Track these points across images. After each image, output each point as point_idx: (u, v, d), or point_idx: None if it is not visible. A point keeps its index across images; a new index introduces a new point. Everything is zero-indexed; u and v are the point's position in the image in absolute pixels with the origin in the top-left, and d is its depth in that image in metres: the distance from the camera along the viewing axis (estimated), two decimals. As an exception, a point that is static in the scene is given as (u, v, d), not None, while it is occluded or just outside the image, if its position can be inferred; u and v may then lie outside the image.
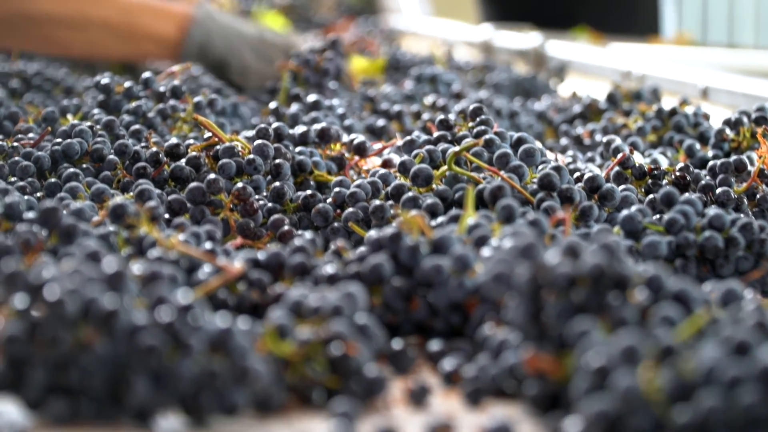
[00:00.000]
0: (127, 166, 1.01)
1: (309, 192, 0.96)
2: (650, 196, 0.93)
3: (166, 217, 0.91)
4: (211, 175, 0.92)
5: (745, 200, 0.97)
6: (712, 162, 1.00)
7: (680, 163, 1.00)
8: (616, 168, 1.00)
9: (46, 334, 0.62)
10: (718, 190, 0.96)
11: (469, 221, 0.80)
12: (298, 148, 1.03)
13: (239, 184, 0.92)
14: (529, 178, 0.91)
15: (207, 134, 1.00)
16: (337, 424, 0.63)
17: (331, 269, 0.76)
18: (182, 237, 0.79)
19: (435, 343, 0.74)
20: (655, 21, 2.99)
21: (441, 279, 0.75)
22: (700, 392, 0.57)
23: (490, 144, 0.93)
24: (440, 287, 0.75)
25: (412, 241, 0.76)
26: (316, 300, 0.69)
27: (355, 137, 1.06)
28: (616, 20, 2.88)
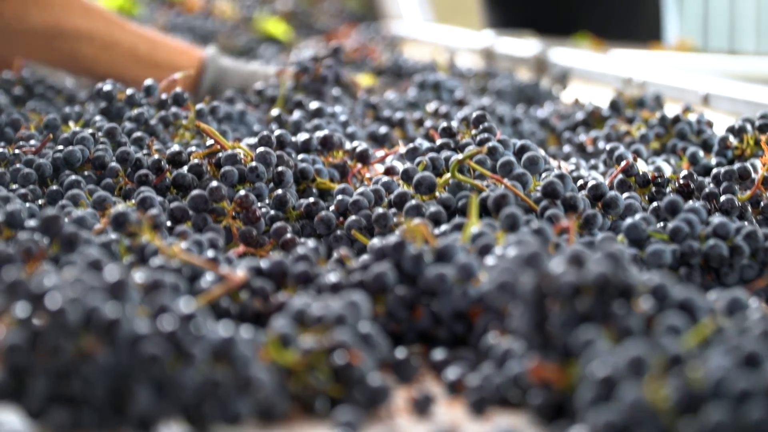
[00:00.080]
0: (129, 174, 1.01)
1: (312, 200, 0.96)
2: (654, 204, 0.93)
3: (168, 224, 0.91)
4: (214, 183, 0.92)
5: (749, 208, 0.97)
6: (716, 170, 1.00)
7: (684, 171, 1.00)
8: (620, 176, 0.99)
9: (48, 343, 0.62)
10: (722, 198, 0.95)
11: (473, 229, 0.80)
12: (301, 156, 1.03)
13: (242, 192, 0.92)
14: (533, 186, 0.91)
15: (209, 141, 1.00)
16: (341, 434, 0.62)
17: (335, 278, 0.76)
18: (184, 245, 0.78)
19: (439, 352, 0.74)
20: (656, 27, 2.99)
21: (445, 288, 0.74)
22: (707, 405, 0.56)
23: (493, 152, 0.93)
24: (444, 296, 0.74)
25: (416, 249, 0.76)
26: (319, 309, 0.69)
27: (357, 145, 1.06)
28: (618, 27, 2.88)
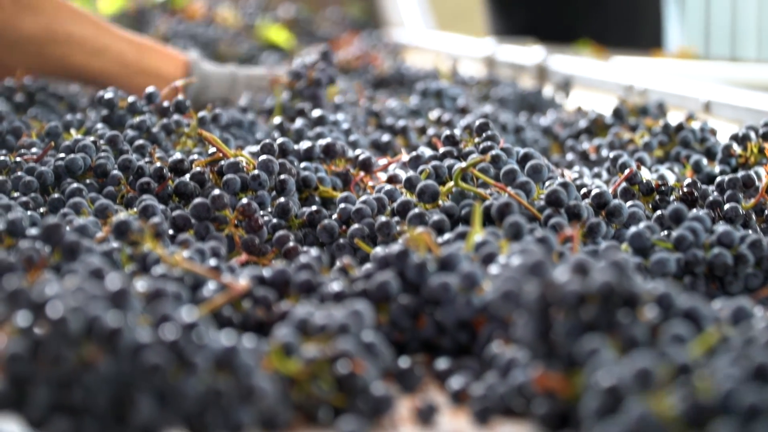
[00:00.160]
0: (131, 182, 1.00)
1: (314, 208, 0.95)
2: (658, 213, 0.92)
3: (170, 233, 0.90)
4: (216, 191, 0.91)
5: (753, 216, 0.96)
6: (720, 178, 0.99)
7: (687, 179, 1.00)
8: (623, 184, 0.99)
9: (49, 352, 0.61)
10: (726, 206, 0.95)
11: (477, 238, 0.79)
12: (303, 164, 1.03)
13: (244, 200, 0.91)
14: (537, 194, 0.91)
15: (211, 149, 1.00)
16: (344, 444, 0.62)
17: (338, 286, 0.76)
18: (186, 253, 0.78)
19: (442, 361, 0.74)
20: (658, 35, 2.99)
21: (448, 297, 0.74)
22: (715, 420, 0.56)
23: (496, 160, 0.93)
24: (448, 305, 0.74)
25: (419, 258, 0.75)
26: (322, 318, 0.68)
27: (360, 153, 1.06)
28: (620, 34, 2.88)
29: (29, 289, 0.64)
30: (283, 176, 0.97)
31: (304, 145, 1.05)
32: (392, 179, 1.03)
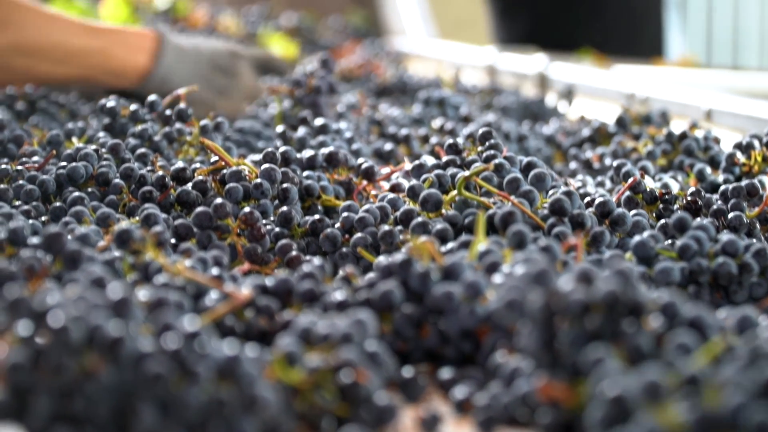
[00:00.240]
0: (133, 190, 1.00)
1: (317, 217, 0.95)
2: (662, 221, 0.92)
3: (173, 242, 0.90)
4: (218, 200, 0.91)
5: (757, 225, 0.96)
6: (724, 186, 0.99)
7: (691, 188, 1.00)
8: (627, 192, 0.99)
9: (51, 361, 0.61)
10: (731, 215, 0.95)
11: (480, 247, 0.79)
12: (306, 173, 1.03)
13: (246, 209, 0.91)
14: (540, 203, 0.91)
15: (213, 158, 0.99)
16: (347, 454, 0.62)
17: (341, 296, 0.76)
18: (189, 262, 0.78)
19: (446, 370, 0.73)
20: (659, 43, 2.99)
21: (452, 306, 0.74)
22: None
23: (500, 168, 0.93)
24: (451, 314, 0.74)
25: (423, 267, 0.75)
26: (325, 327, 0.68)
27: (363, 161, 1.05)
28: (621, 42, 2.88)
29: (30, 299, 0.64)
30: (285, 185, 0.97)
31: (307, 153, 1.05)
32: (395, 188, 1.03)
